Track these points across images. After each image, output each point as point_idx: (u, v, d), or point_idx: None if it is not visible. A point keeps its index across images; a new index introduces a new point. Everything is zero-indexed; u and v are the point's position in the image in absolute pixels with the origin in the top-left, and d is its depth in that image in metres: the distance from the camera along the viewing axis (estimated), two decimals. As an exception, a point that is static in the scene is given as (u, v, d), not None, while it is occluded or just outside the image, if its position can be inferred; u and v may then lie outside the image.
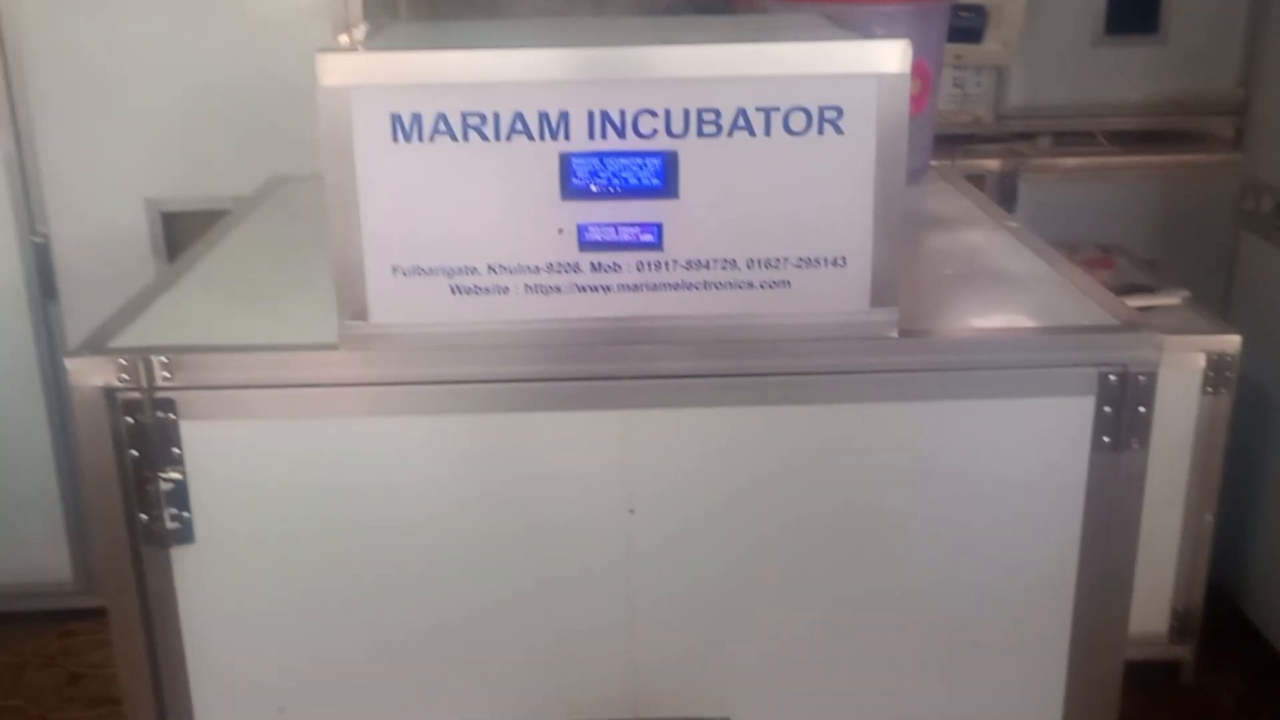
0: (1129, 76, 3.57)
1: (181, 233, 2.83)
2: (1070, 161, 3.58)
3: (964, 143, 3.53)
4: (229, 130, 2.83)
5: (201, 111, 2.82)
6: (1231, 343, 2.64)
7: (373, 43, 1.55)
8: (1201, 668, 2.85)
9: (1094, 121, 3.63)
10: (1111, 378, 1.54)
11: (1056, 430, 1.56)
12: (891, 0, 2.22)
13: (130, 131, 2.82)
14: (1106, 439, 1.56)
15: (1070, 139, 3.64)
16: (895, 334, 1.52)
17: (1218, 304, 3.05)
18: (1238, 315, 2.99)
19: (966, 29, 3.31)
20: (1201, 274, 3.11)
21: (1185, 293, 2.82)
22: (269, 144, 2.79)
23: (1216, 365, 2.63)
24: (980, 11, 3.35)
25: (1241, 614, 2.98)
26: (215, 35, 2.80)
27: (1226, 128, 3.63)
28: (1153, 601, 2.75)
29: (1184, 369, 2.62)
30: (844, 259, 1.49)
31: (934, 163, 2.49)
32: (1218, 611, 2.87)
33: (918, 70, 1.55)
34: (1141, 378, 1.54)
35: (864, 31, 1.51)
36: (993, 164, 3.54)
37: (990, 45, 3.43)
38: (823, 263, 1.49)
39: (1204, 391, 2.64)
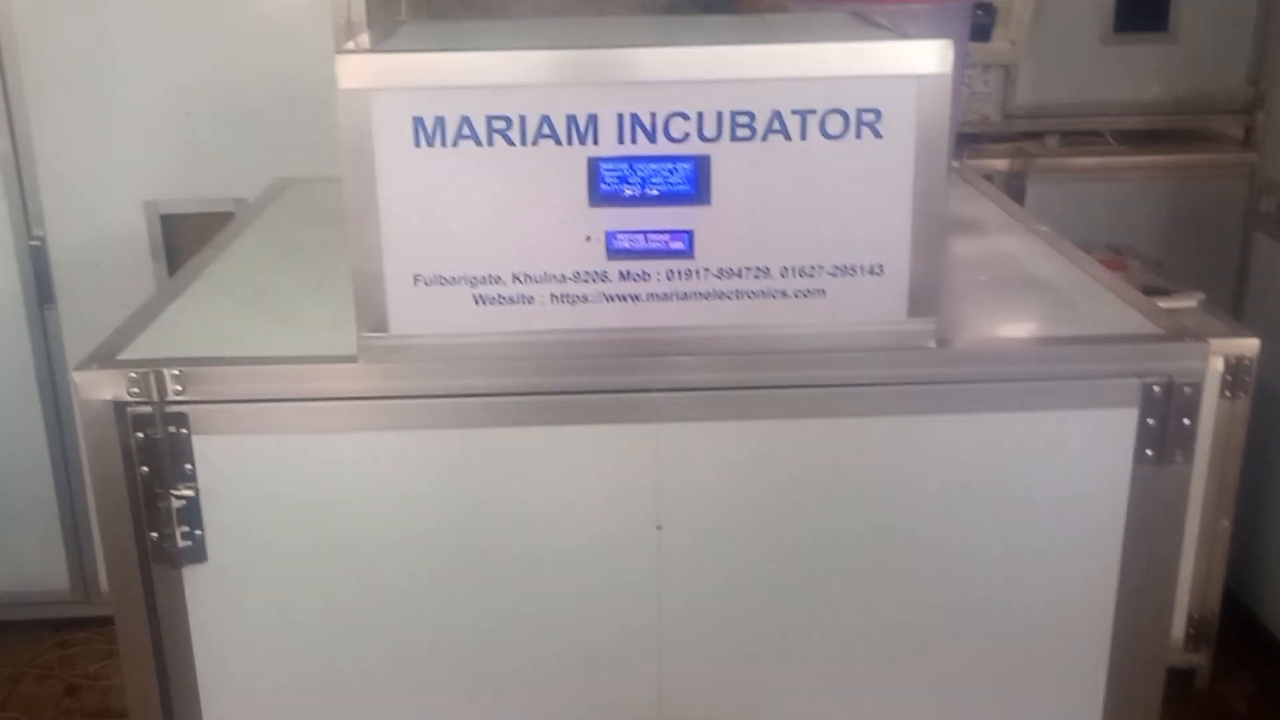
0: (1138, 75, 3.54)
1: (181, 235, 2.80)
2: (1078, 161, 3.55)
3: (971, 142, 3.49)
4: (228, 131, 2.79)
5: (200, 112, 2.78)
6: (1250, 346, 2.59)
7: (387, 43, 1.49)
8: (1216, 675, 2.82)
9: (1102, 121, 3.60)
10: (1155, 389, 1.49)
11: (1098, 443, 1.52)
12: (916, -1, 2.17)
13: (128, 132, 2.78)
14: (1149, 452, 1.51)
15: (1078, 138, 3.62)
16: (933, 344, 1.48)
17: (1228, 306, 3.01)
18: (1250, 317, 2.95)
19: (975, 27, 3.26)
20: (1211, 275, 3.08)
21: (1200, 295, 2.78)
22: (269, 145, 2.76)
23: (1234, 369, 2.59)
24: (989, 9, 3.30)
25: (1257, 621, 2.95)
26: (213, 34, 2.76)
27: (1236, 127, 3.61)
28: (1169, 608, 2.72)
29: (1202, 373, 2.57)
30: (881, 267, 1.45)
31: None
32: (1233, 618, 2.84)
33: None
34: (1187, 388, 1.49)
35: (902, 31, 1.46)
36: (1000, 164, 3.50)
37: (998, 43, 3.39)
38: (859, 271, 1.45)
39: (1222, 396, 2.60)
